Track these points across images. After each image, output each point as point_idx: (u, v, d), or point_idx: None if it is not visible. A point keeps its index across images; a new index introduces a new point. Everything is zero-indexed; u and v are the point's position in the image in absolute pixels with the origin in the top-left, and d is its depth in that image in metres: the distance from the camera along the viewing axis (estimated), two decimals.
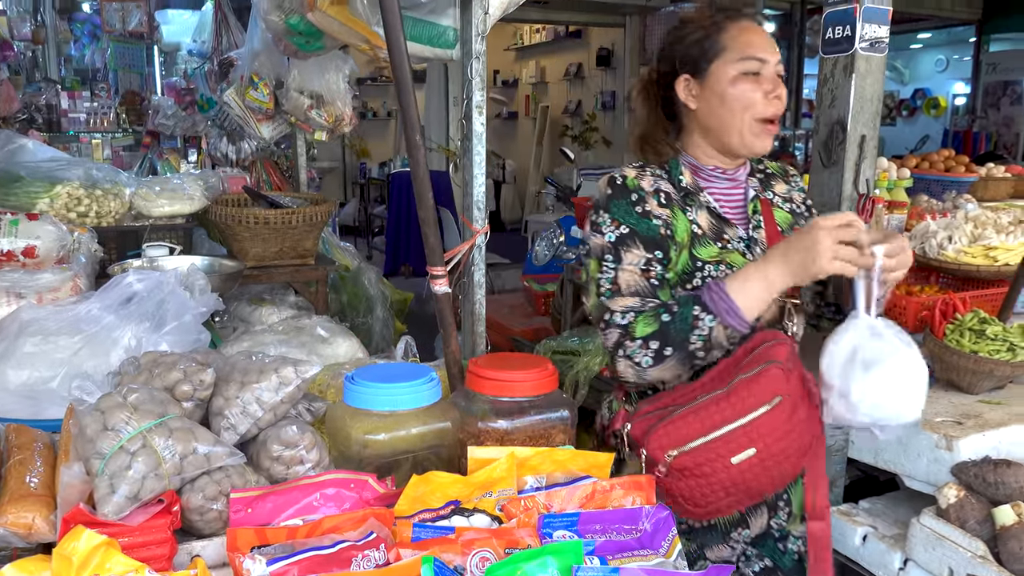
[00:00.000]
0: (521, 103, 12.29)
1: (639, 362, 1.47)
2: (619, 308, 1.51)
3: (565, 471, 1.44)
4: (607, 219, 1.56)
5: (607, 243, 1.54)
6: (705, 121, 1.60)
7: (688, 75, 1.59)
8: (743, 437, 1.39)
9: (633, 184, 1.58)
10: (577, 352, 3.11)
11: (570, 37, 10.55)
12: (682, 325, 1.45)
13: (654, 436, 1.44)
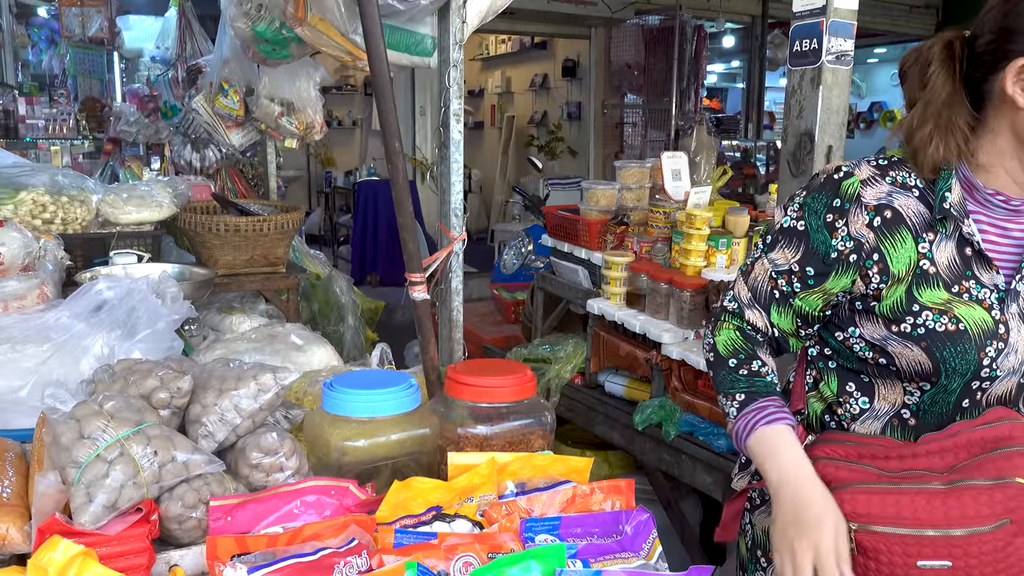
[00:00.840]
0: (487, 113, 12.33)
1: (704, 350, 1.47)
2: (735, 292, 1.42)
3: (545, 476, 1.44)
4: (797, 205, 1.33)
5: (779, 226, 1.35)
6: (1017, 127, 1.19)
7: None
8: (944, 546, 1.16)
9: (850, 190, 1.27)
10: (548, 360, 3.13)
11: (536, 48, 10.62)
12: (726, 382, 1.38)
13: (839, 498, 1.22)
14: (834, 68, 2.03)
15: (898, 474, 1.24)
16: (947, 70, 1.23)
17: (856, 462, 1.27)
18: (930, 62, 1.24)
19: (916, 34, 10.36)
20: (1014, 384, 1.29)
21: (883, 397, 1.34)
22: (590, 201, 3.06)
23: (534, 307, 3.41)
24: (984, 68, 1.20)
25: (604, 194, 3.04)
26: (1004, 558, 1.15)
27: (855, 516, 1.20)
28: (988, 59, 1.19)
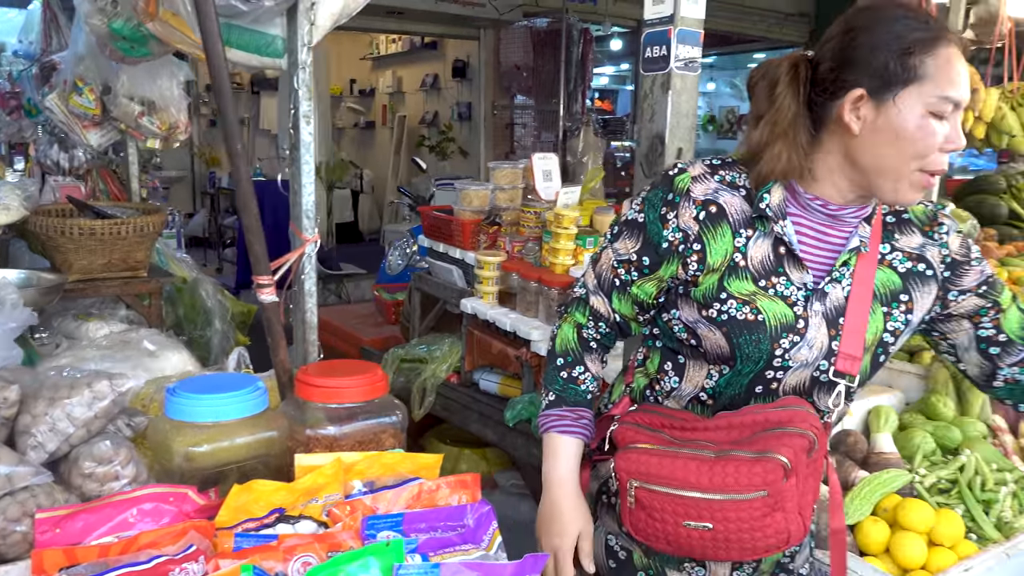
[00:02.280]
0: (378, 112, 12.21)
1: (548, 340, 1.56)
2: (584, 279, 1.52)
3: (394, 474, 1.47)
4: (640, 200, 1.44)
5: (624, 218, 1.46)
6: (859, 152, 1.29)
7: (866, 92, 1.25)
8: (706, 509, 1.27)
9: (681, 184, 1.37)
10: (424, 360, 3.15)
11: (426, 48, 10.59)
12: (549, 376, 1.53)
13: (625, 457, 1.35)
14: (683, 74, 2.12)
15: (683, 442, 1.36)
16: (793, 91, 1.31)
17: (653, 429, 1.39)
18: (777, 81, 1.32)
19: (791, 41, 10.87)
20: (807, 376, 1.38)
21: (690, 379, 1.44)
22: (463, 201, 3.09)
23: (412, 307, 3.42)
24: (825, 94, 1.30)
25: (477, 194, 3.09)
26: (760, 528, 1.26)
27: (636, 474, 1.33)
28: (829, 86, 1.29)
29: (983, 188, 4.86)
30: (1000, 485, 2.02)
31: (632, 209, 1.44)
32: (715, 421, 1.36)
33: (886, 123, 1.25)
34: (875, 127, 1.26)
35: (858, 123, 1.27)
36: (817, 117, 1.33)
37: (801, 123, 1.32)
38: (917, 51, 1.23)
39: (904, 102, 1.23)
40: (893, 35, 1.25)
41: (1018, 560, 1.87)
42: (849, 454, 2.10)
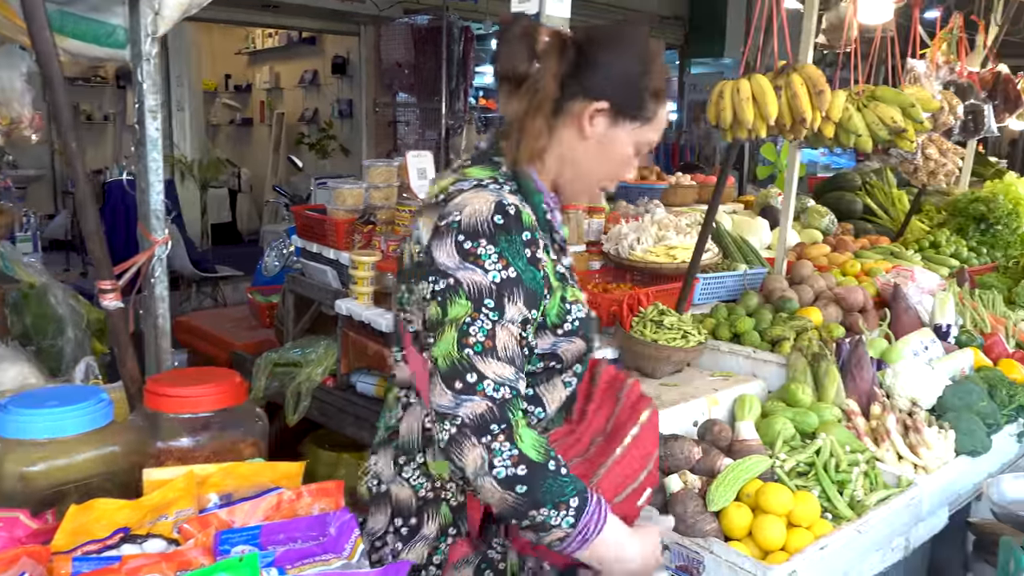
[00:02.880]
0: (256, 109, 11.83)
1: (496, 469, 1.20)
2: (492, 376, 1.23)
3: (253, 485, 1.40)
4: (493, 253, 1.26)
5: (490, 284, 1.25)
6: (573, 156, 1.40)
7: (612, 109, 1.37)
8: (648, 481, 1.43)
9: (528, 221, 1.30)
10: (299, 363, 3.05)
11: (304, 43, 10.33)
12: (552, 488, 1.24)
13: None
14: None
15: (592, 452, 1.41)
16: (558, 71, 1.35)
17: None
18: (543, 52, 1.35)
19: (667, 42, 11.24)
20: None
21: (551, 400, 1.45)
22: (337, 200, 3.02)
23: (285, 310, 3.31)
24: (581, 84, 1.36)
25: (351, 193, 3.02)
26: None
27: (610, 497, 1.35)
28: (586, 81, 1.36)
29: (840, 185, 5.15)
30: (853, 466, 2.13)
31: (490, 271, 1.26)
32: (581, 415, 1.44)
33: (607, 139, 1.39)
34: (596, 137, 1.39)
35: (590, 130, 1.38)
36: (557, 109, 1.38)
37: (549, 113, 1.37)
38: (660, 99, 1.41)
39: (626, 129, 1.39)
40: (655, 74, 1.39)
41: (868, 536, 1.98)
42: (715, 442, 2.17)
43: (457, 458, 1.23)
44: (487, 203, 1.28)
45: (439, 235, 1.30)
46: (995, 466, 2.56)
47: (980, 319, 3.13)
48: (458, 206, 1.30)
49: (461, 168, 1.42)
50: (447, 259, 1.27)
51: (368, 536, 1.47)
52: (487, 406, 1.22)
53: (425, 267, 1.32)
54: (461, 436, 1.21)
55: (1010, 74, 4.14)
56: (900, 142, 2.64)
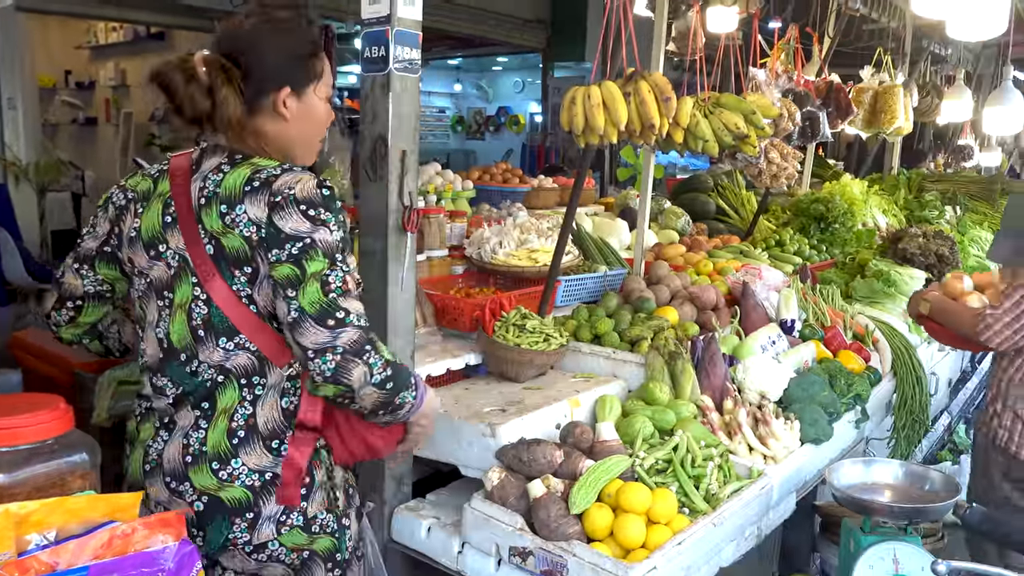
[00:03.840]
0: (100, 108, 11.09)
1: (374, 375, 1.48)
2: (354, 310, 1.49)
3: (82, 520, 1.29)
4: (331, 217, 1.51)
5: (336, 241, 1.51)
6: (286, 133, 1.64)
7: (290, 87, 1.60)
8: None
9: (338, 194, 1.58)
10: None
11: (153, 39, 9.76)
12: (405, 376, 1.55)
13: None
14: (402, 76, 2.09)
15: None
16: (232, 89, 1.55)
17: None
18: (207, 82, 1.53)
19: (531, 46, 11.38)
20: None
21: None
22: None
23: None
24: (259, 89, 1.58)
25: None
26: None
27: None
28: (261, 84, 1.58)
29: (695, 187, 5.37)
30: (708, 460, 2.21)
31: (334, 231, 1.52)
32: None
33: (305, 108, 1.63)
34: (295, 113, 1.62)
35: (286, 111, 1.61)
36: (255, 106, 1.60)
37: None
38: (315, 56, 1.63)
39: (313, 92, 1.64)
40: (300, 43, 1.62)
41: (723, 528, 2.06)
42: (577, 445, 2.19)
43: (345, 379, 1.46)
44: (310, 178, 1.53)
45: (280, 208, 1.50)
46: (836, 452, 2.72)
47: (821, 313, 3.33)
48: (286, 184, 1.51)
49: (245, 161, 1.57)
50: (298, 224, 1.49)
51: (269, 520, 1.57)
52: (358, 334, 1.47)
53: (272, 239, 1.49)
54: (345, 361, 1.45)
55: (841, 83, 4.44)
56: (744, 147, 2.76)
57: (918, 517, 2.13)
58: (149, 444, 1.64)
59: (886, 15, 5.16)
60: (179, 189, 1.58)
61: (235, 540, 1.56)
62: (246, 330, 1.56)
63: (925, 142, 9.24)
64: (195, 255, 1.55)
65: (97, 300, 1.77)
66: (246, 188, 1.52)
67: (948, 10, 2.88)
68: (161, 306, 1.61)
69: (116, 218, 1.68)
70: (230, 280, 1.54)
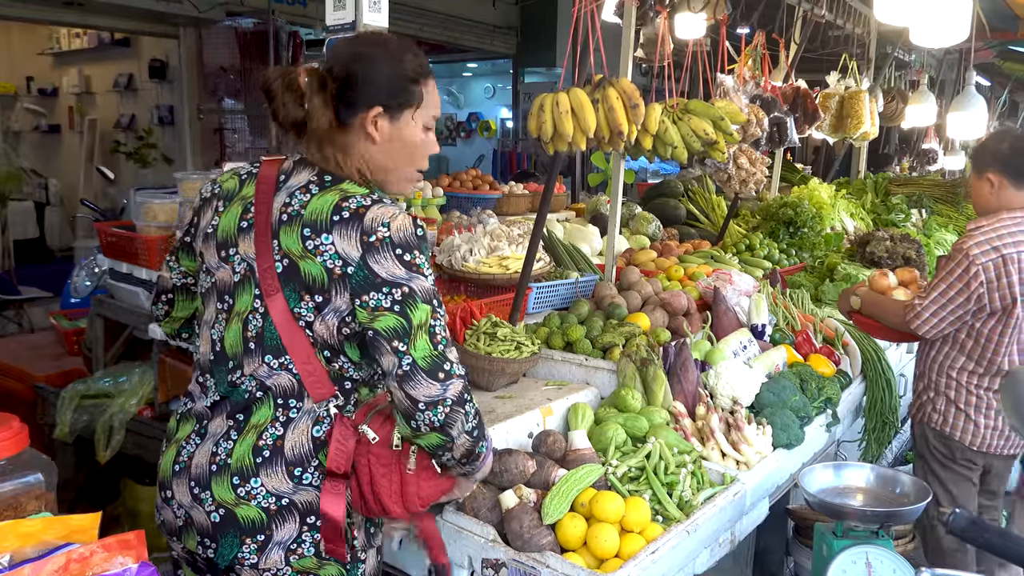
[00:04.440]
0: (64, 115, 10.90)
1: (469, 421, 1.51)
2: (455, 359, 1.50)
3: (38, 544, 1.25)
4: (424, 261, 1.50)
5: (431, 287, 1.50)
6: (379, 157, 1.60)
7: (383, 109, 1.57)
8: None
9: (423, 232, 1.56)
10: (110, 394, 2.82)
11: (117, 45, 9.61)
12: (483, 426, 1.59)
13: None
14: None
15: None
16: (323, 99, 1.53)
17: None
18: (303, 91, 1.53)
19: (501, 52, 11.39)
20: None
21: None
22: (147, 216, 2.80)
23: (95, 335, 3.04)
24: (351, 104, 1.56)
25: (163, 208, 2.81)
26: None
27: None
28: (353, 99, 1.55)
29: (665, 192, 5.38)
30: (681, 467, 2.20)
31: (428, 276, 1.52)
32: None
33: (398, 132, 1.59)
34: (387, 135, 1.59)
35: (377, 133, 1.58)
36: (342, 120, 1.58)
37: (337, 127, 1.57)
38: (418, 80, 1.59)
39: (409, 117, 1.60)
40: (403, 67, 1.58)
41: (697, 535, 2.05)
42: (549, 454, 2.17)
43: (450, 429, 1.49)
44: (405, 218, 1.50)
45: (375, 251, 1.47)
46: (808, 456, 2.73)
47: (791, 317, 3.35)
48: (378, 220, 1.48)
49: (334, 185, 1.54)
50: (395, 271, 1.47)
51: (279, 546, 1.55)
52: (462, 383, 1.49)
53: (365, 281, 1.47)
54: (453, 412, 1.47)
55: (808, 89, 4.49)
56: (713, 153, 2.77)
57: (890, 520, 2.14)
58: (183, 444, 1.65)
59: (851, 22, 5.23)
60: (262, 198, 1.57)
61: (243, 560, 1.55)
62: (295, 354, 1.55)
63: (891, 146, 9.38)
64: (263, 268, 1.54)
65: (185, 294, 1.81)
66: (334, 217, 1.49)
67: (911, 17, 2.92)
68: (220, 308, 1.61)
69: (199, 210, 1.70)
70: (294, 302, 1.53)
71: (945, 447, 2.87)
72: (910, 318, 2.73)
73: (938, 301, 2.68)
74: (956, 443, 2.83)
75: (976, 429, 2.80)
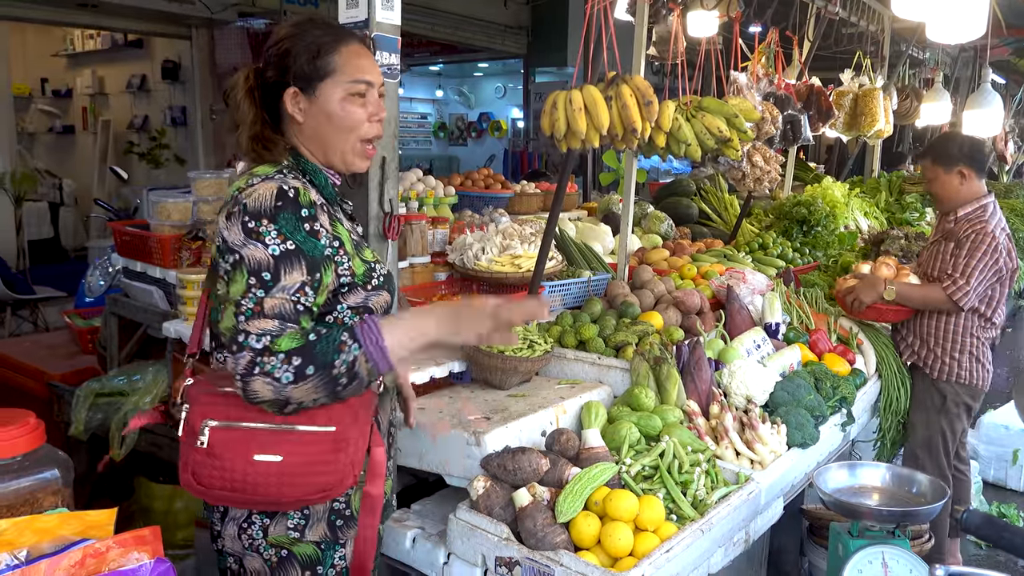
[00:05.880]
0: (78, 116, 10.98)
1: (279, 377, 1.40)
2: (255, 331, 1.42)
3: (55, 539, 1.26)
4: (272, 231, 1.45)
5: (269, 256, 1.44)
6: (311, 135, 1.62)
7: (298, 89, 1.58)
8: (277, 442, 1.46)
9: (306, 199, 1.51)
10: (125, 392, 2.82)
11: (130, 46, 9.69)
12: (327, 347, 1.43)
13: (200, 402, 1.49)
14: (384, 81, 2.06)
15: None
16: (249, 100, 1.59)
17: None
18: (232, 95, 1.60)
19: (512, 52, 11.38)
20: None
21: None
22: (160, 215, 2.81)
23: (109, 334, 3.06)
24: (273, 95, 1.60)
25: (176, 207, 2.82)
26: (326, 464, 1.50)
27: (211, 415, 1.47)
28: (275, 88, 1.59)
29: (677, 191, 5.37)
30: (695, 466, 2.19)
31: (270, 245, 1.45)
32: None
33: (319, 108, 1.59)
34: (311, 113, 1.59)
35: (300, 113, 1.59)
36: (274, 112, 1.62)
37: (264, 119, 1.60)
38: (323, 53, 1.58)
39: (326, 91, 1.58)
40: (305, 43, 1.58)
41: (711, 534, 2.04)
42: (563, 452, 2.16)
43: (256, 398, 1.42)
44: (270, 189, 1.48)
45: (230, 219, 1.47)
46: (823, 455, 2.71)
47: (805, 316, 3.33)
48: (247, 194, 1.49)
49: (248, 172, 1.58)
50: (234, 237, 1.45)
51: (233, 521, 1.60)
52: (252, 353, 1.40)
53: (220, 250, 1.48)
54: (246, 384, 1.41)
55: (822, 87, 4.46)
56: (727, 150, 2.75)
57: (906, 520, 2.12)
58: None
59: (865, 19, 5.19)
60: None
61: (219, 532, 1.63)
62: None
63: (905, 145, 9.32)
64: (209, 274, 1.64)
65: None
66: (229, 200, 1.54)
67: (928, 13, 2.89)
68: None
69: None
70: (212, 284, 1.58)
71: (971, 398, 3.35)
72: (958, 296, 3.15)
73: (975, 276, 3.14)
74: (979, 390, 3.34)
75: (988, 375, 3.34)
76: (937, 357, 3.34)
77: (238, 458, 1.45)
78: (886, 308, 3.29)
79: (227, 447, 1.46)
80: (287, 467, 1.47)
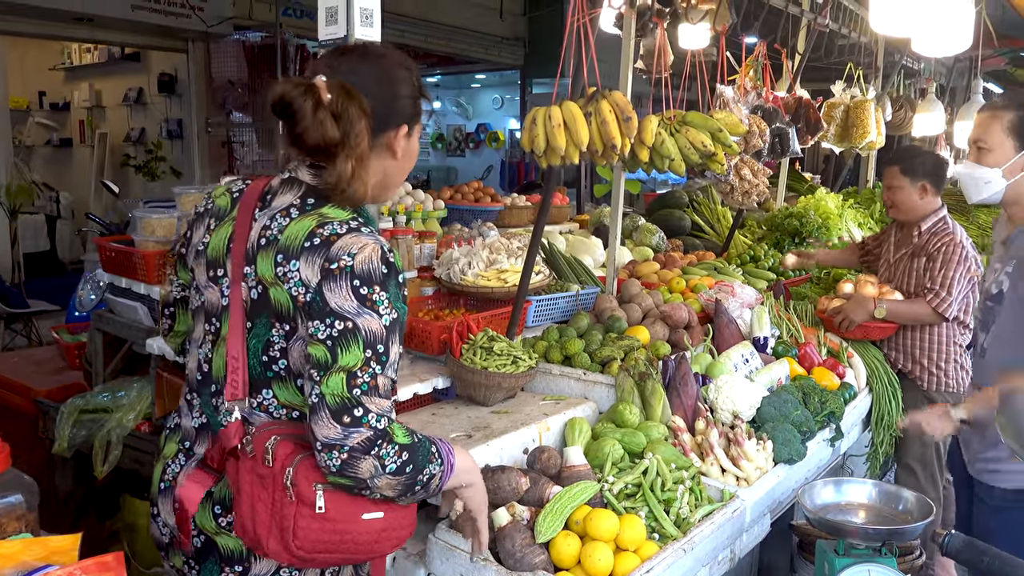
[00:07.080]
0: (75, 129, 11.01)
1: (387, 465, 1.37)
2: (376, 409, 1.37)
3: (17, 565, 1.24)
4: (384, 299, 1.39)
5: (382, 328, 1.39)
6: (390, 173, 1.60)
7: (407, 128, 1.57)
8: (375, 499, 1.43)
9: (399, 264, 1.46)
10: (109, 409, 2.81)
11: (127, 60, 9.72)
12: (425, 453, 1.44)
13: (305, 465, 1.39)
14: None
15: None
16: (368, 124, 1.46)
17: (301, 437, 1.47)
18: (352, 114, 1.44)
19: (509, 63, 11.42)
20: None
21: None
22: (145, 231, 2.80)
23: (94, 350, 3.05)
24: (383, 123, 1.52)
25: (160, 223, 2.81)
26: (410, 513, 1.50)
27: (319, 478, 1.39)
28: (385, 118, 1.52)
29: (670, 203, 5.36)
30: (678, 484, 2.17)
31: (383, 315, 1.40)
32: None
33: (408, 146, 1.59)
34: (405, 153, 1.59)
35: (400, 150, 1.57)
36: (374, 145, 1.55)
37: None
38: (419, 97, 1.59)
39: (413, 131, 1.60)
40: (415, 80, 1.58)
41: (693, 554, 2.02)
42: (544, 470, 2.15)
43: (352, 474, 1.36)
44: (374, 250, 1.41)
45: (332, 278, 1.38)
46: (811, 471, 2.69)
47: (795, 329, 3.31)
48: (345, 249, 1.39)
49: (315, 209, 1.47)
50: (345, 303, 1.37)
51: None
52: (370, 435, 1.36)
53: (317, 308, 1.38)
54: (352, 459, 1.35)
55: (810, 99, 4.45)
56: (712, 165, 2.75)
57: (892, 538, 2.10)
58: (169, 463, 1.62)
59: (856, 30, 5.19)
60: (242, 219, 1.52)
61: None
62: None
63: None
64: (234, 296, 1.49)
65: (185, 307, 1.75)
66: (306, 244, 1.42)
67: (909, 28, 2.89)
68: (207, 330, 1.57)
69: (192, 224, 1.66)
70: (266, 330, 1.47)
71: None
72: (943, 308, 3.25)
73: (955, 286, 3.24)
74: (961, 397, 3.35)
75: (967, 377, 3.40)
76: (924, 368, 3.44)
77: (350, 519, 1.41)
78: (873, 326, 3.34)
79: (339, 509, 1.41)
80: (387, 522, 1.46)
